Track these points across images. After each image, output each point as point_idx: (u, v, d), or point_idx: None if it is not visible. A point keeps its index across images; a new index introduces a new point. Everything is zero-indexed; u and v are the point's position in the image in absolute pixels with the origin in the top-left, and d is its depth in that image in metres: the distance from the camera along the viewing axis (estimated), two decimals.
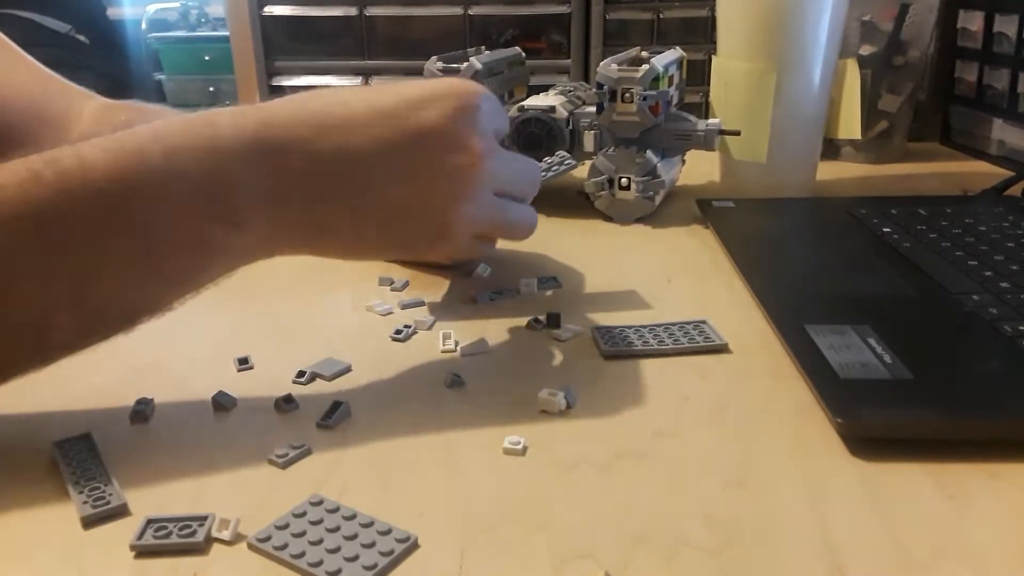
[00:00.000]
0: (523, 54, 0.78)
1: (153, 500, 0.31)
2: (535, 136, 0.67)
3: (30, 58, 0.59)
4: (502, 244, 0.49)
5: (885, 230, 0.58)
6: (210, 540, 0.29)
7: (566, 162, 0.59)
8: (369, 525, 0.29)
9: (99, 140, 0.34)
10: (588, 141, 0.66)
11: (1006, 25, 0.80)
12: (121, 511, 0.30)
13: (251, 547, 0.28)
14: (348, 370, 0.41)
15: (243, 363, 0.41)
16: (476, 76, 0.67)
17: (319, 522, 0.29)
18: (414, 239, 0.41)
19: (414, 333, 0.45)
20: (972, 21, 0.85)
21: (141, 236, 0.34)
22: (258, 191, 0.36)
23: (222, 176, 0.35)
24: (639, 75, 0.62)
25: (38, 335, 0.34)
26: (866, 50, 0.81)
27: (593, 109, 0.65)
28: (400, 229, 0.40)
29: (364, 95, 0.39)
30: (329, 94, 0.39)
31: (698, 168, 0.76)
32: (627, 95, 0.63)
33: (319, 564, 0.27)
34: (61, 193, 0.32)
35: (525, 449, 0.34)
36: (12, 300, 0.33)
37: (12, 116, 0.55)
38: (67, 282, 0.33)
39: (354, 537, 0.28)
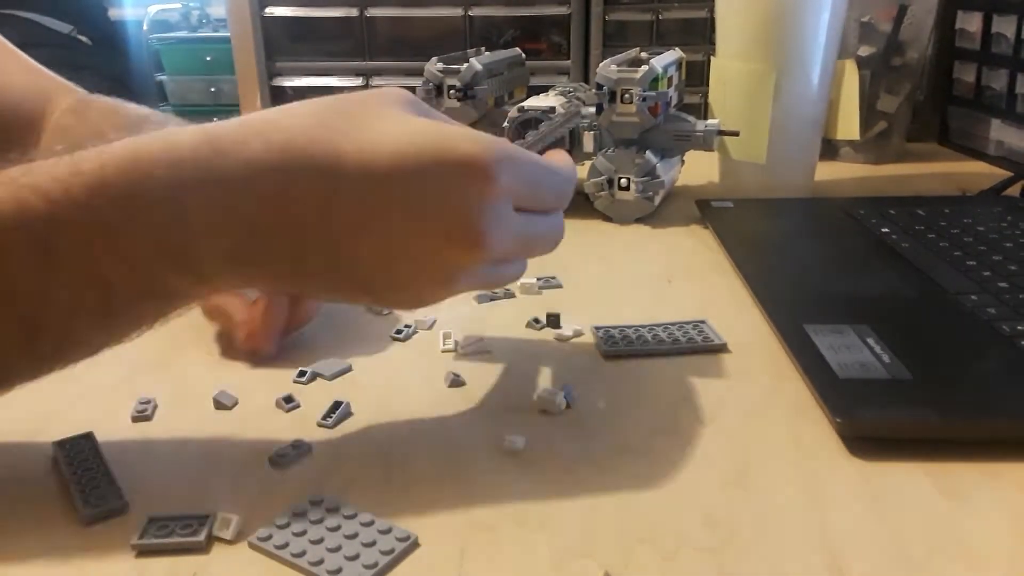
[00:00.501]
0: (523, 55, 0.79)
1: (154, 499, 0.31)
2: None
3: (25, 57, 0.58)
4: None
5: (884, 230, 0.58)
6: (211, 539, 0.29)
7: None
8: (370, 524, 0.29)
9: (42, 177, 0.30)
10: (588, 142, 0.67)
11: (1004, 26, 0.80)
12: (122, 510, 0.30)
13: (252, 546, 0.28)
14: (348, 370, 0.41)
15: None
16: (476, 77, 0.67)
17: (320, 521, 0.29)
18: (390, 302, 0.39)
19: (414, 333, 0.45)
20: (970, 22, 0.85)
21: (92, 286, 0.31)
22: (223, 247, 0.32)
23: (184, 229, 0.31)
24: (638, 76, 0.62)
25: None
26: (865, 51, 0.81)
27: (593, 110, 0.66)
28: (378, 293, 0.35)
29: (361, 144, 0.32)
30: (323, 135, 0.32)
31: (697, 168, 0.76)
32: (626, 96, 0.63)
33: (320, 563, 0.27)
34: (1, 238, 0.29)
35: (524, 447, 0.34)
36: None
37: (5, 110, 0.54)
38: (17, 331, 0.31)
39: (354, 536, 0.29)
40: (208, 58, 1.93)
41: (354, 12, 1.19)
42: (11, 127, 0.54)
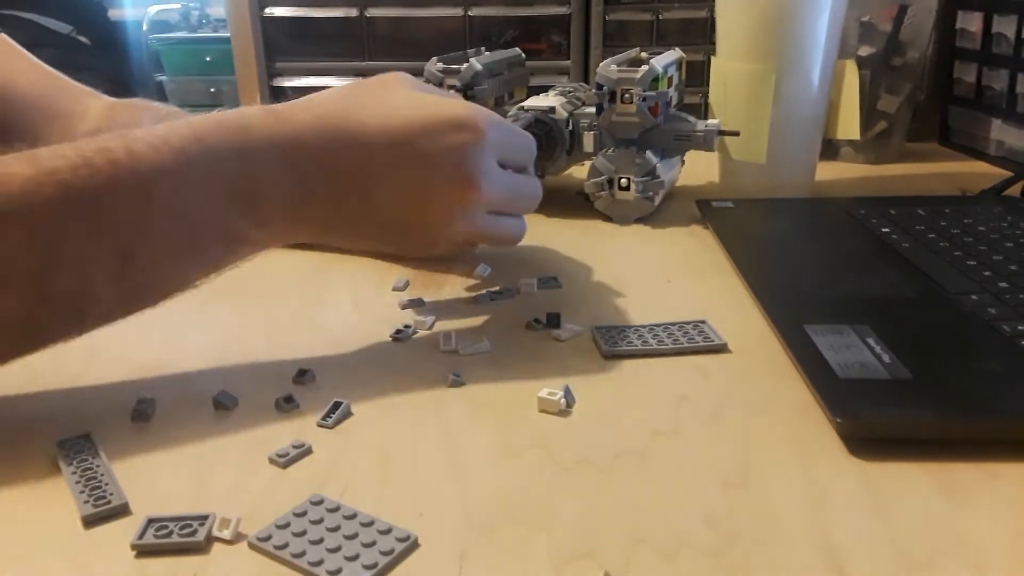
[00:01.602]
0: (523, 55, 0.78)
1: (154, 499, 0.31)
2: (535, 137, 0.66)
3: (34, 58, 0.60)
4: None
5: (884, 230, 0.58)
6: (211, 539, 0.29)
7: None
8: (369, 524, 0.29)
9: (144, 134, 0.37)
10: (588, 142, 0.66)
11: (1005, 26, 0.80)
12: (122, 510, 0.30)
13: (251, 546, 0.28)
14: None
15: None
16: (476, 77, 0.67)
17: (319, 521, 0.29)
18: (406, 244, 0.49)
19: (414, 333, 0.45)
20: (971, 22, 0.85)
21: (179, 224, 0.38)
22: (281, 195, 0.41)
23: (251, 180, 0.40)
24: (638, 76, 0.62)
25: (80, 306, 0.36)
26: (865, 51, 0.81)
27: (593, 110, 0.66)
28: (395, 235, 0.46)
29: (380, 114, 0.43)
30: (345, 105, 0.43)
31: (698, 169, 0.76)
32: (627, 96, 0.63)
33: (319, 563, 0.27)
34: (112, 180, 0.36)
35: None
36: (60, 273, 0.35)
37: (19, 113, 0.57)
38: (112, 259, 0.36)
39: (354, 536, 0.29)
40: (208, 58, 1.93)
41: (354, 12, 1.19)
42: (40, 129, 0.57)
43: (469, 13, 1.17)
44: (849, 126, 0.80)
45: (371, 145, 0.42)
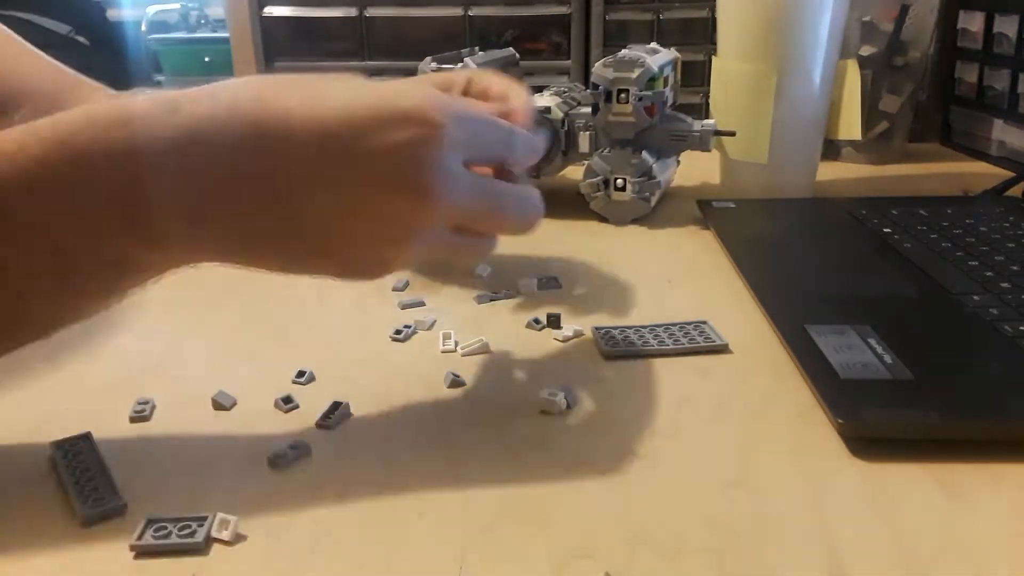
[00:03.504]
0: (517, 55, 0.78)
1: (153, 500, 0.31)
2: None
3: (44, 55, 0.60)
4: (502, 242, 0.49)
5: (886, 230, 0.58)
6: (210, 540, 0.29)
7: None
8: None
9: None
10: (584, 142, 0.66)
11: (1006, 25, 0.80)
12: (120, 511, 0.30)
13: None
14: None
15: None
16: None
17: None
18: (345, 269, 0.36)
19: (414, 333, 0.45)
20: (972, 22, 0.85)
21: (43, 249, 0.31)
22: (174, 209, 0.32)
23: (133, 189, 0.31)
24: (635, 76, 0.62)
25: None
26: (866, 51, 0.81)
27: (588, 110, 0.65)
28: (335, 257, 0.35)
29: (307, 103, 0.32)
30: (265, 91, 0.33)
31: (698, 169, 0.76)
32: (623, 96, 0.63)
33: None
34: None
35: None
36: None
37: (30, 109, 0.56)
38: None
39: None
40: (207, 59, 1.93)
41: (353, 12, 1.19)
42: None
43: (469, 13, 1.17)
44: (850, 126, 0.80)
45: (295, 141, 0.32)
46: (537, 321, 0.46)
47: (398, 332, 0.45)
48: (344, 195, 0.32)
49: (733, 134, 0.66)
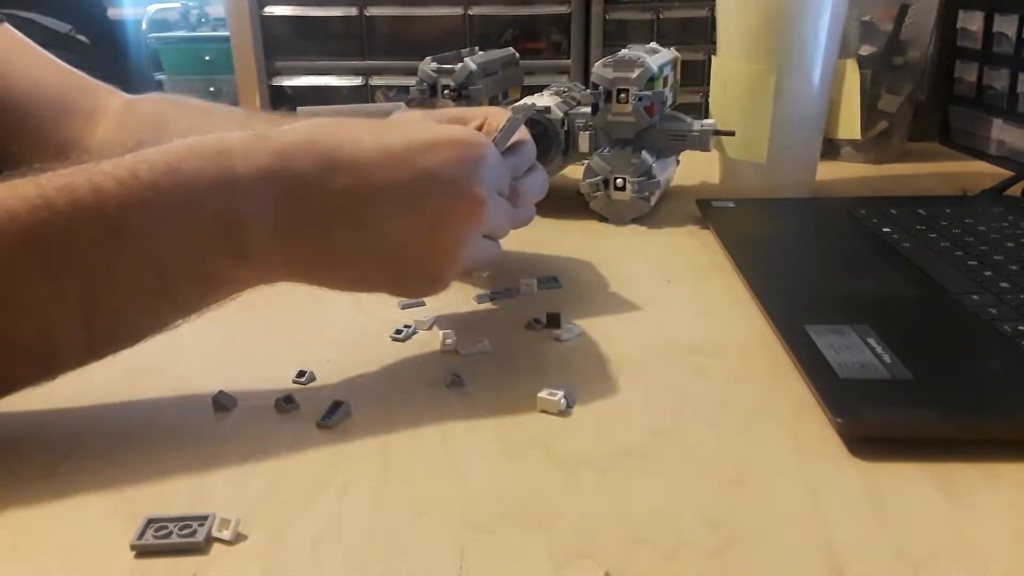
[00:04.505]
0: (517, 55, 0.78)
1: (153, 500, 0.31)
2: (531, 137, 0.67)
3: (50, 55, 0.60)
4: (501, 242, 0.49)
5: (885, 230, 0.58)
6: (210, 540, 0.29)
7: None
8: None
9: (111, 167, 0.34)
10: (583, 142, 0.66)
11: (1006, 25, 0.80)
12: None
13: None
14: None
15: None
16: (470, 77, 0.67)
17: None
18: (409, 279, 0.41)
19: (414, 333, 0.45)
20: (972, 21, 0.85)
21: (151, 266, 0.35)
22: (266, 227, 0.36)
23: (233, 212, 0.35)
24: (634, 76, 0.62)
25: (45, 355, 0.34)
26: (866, 50, 0.81)
27: (588, 110, 0.65)
28: (398, 269, 0.40)
29: (374, 132, 0.39)
30: (340, 128, 0.39)
31: (697, 168, 0.76)
32: (622, 96, 0.63)
33: None
34: (74, 221, 0.33)
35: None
36: (21, 323, 0.33)
37: (38, 110, 0.57)
38: (76, 307, 0.34)
39: None
40: (207, 57, 1.93)
41: (353, 11, 1.19)
42: (60, 126, 0.58)
43: (469, 12, 1.17)
44: (850, 126, 0.80)
45: (366, 162, 0.37)
46: (537, 321, 0.46)
47: (398, 332, 0.45)
48: (408, 205, 0.38)
49: (732, 134, 0.66)
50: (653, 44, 0.71)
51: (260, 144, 0.36)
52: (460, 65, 0.67)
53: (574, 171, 0.68)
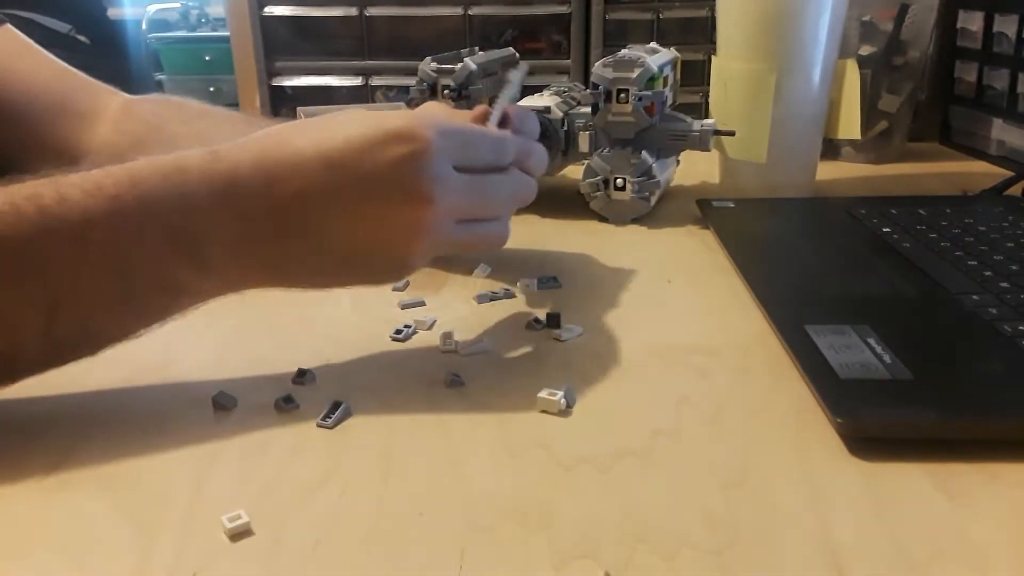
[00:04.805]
0: (517, 55, 0.78)
1: (153, 499, 0.31)
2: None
3: (51, 56, 0.61)
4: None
5: (885, 230, 0.58)
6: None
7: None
8: None
9: (79, 179, 0.36)
10: (583, 142, 0.66)
11: (1006, 25, 0.80)
12: None
13: None
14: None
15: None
16: (470, 77, 0.67)
17: None
18: (374, 272, 0.41)
19: (414, 333, 0.45)
20: (972, 21, 0.85)
21: (114, 275, 0.36)
22: (222, 243, 0.37)
23: (192, 225, 0.37)
24: (634, 76, 0.62)
25: (6, 359, 0.35)
26: (866, 50, 0.81)
27: (588, 110, 0.65)
28: (360, 264, 0.40)
29: (314, 138, 0.38)
30: (283, 136, 0.39)
31: (697, 168, 0.76)
32: (622, 96, 0.63)
33: None
34: (40, 228, 0.34)
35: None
36: None
37: (38, 110, 0.58)
38: (40, 312, 0.35)
39: None
40: (207, 57, 1.93)
41: (353, 11, 1.19)
42: (61, 126, 0.58)
43: (469, 12, 1.17)
44: (850, 126, 0.80)
45: (307, 171, 0.37)
46: (537, 321, 0.46)
47: (398, 332, 0.45)
48: (354, 210, 0.38)
49: (732, 134, 0.66)
50: (653, 44, 0.71)
51: (213, 164, 0.37)
52: (460, 65, 0.67)
53: (574, 171, 0.68)
